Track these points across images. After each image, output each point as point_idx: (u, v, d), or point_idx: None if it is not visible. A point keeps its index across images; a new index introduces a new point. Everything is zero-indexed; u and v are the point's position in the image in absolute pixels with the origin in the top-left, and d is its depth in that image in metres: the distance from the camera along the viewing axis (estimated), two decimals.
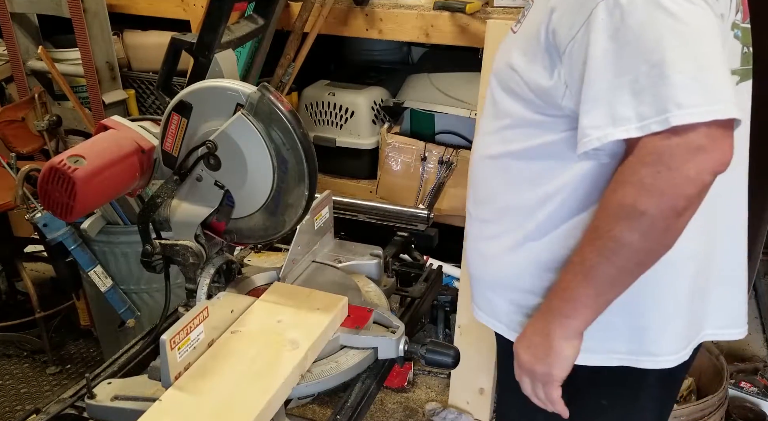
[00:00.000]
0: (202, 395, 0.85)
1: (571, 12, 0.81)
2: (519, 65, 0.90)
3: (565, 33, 0.82)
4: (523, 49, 0.90)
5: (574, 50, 0.81)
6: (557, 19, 0.83)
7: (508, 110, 0.94)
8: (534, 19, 0.88)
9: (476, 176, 1.05)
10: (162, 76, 1.03)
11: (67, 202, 0.90)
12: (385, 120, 2.35)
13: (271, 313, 1.01)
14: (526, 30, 0.90)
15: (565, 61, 0.83)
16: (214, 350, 0.93)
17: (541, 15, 0.86)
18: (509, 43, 0.96)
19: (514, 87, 0.92)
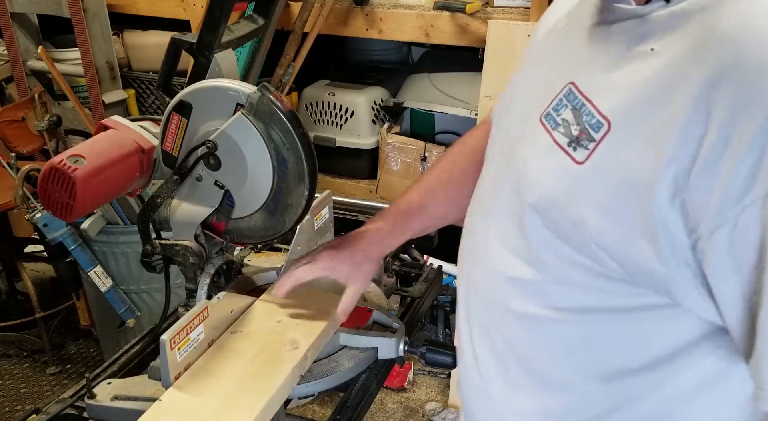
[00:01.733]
0: (202, 395, 0.85)
1: (724, 179, 0.49)
2: (602, 233, 0.58)
3: (711, 209, 0.51)
4: (599, 207, 0.58)
5: (734, 243, 0.50)
6: (692, 185, 0.51)
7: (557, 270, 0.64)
8: (624, 163, 0.56)
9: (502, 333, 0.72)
10: (162, 76, 1.03)
11: (67, 202, 0.90)
12: (385, 120, 2.35)
13: (271, 313, 1.01)
14: (607, 177, 0.57)
15: (704, 253, 0.52)
16: (214, 350, 0.93)
17: (638, 166, 0.54)
18: (562, 175, 0.61)
19: (584, 253, 0.60)
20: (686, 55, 0.53)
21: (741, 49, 0.49)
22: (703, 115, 0.50)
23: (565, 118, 0.62)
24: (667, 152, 0.52)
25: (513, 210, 0.67)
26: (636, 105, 0.55)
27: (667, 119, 0.52)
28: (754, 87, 0.48)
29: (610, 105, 0.58)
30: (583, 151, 0.59)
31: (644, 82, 0.55)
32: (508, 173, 0.70)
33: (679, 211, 0.52)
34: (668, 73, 0.53)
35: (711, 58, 0.50)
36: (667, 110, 0.52)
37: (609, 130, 0.57)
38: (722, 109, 0.49)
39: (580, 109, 0.61)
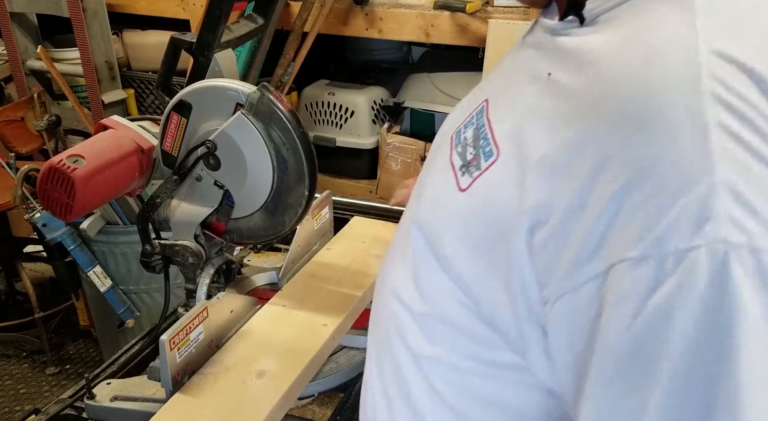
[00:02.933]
0: (213, 395, 0.85)
1: (572, 242, 0.44)
2: (457, 264, 0.54)
3: (558, 275, 0.45)
4: (466, 238, 0.53)
5: (572, 317, 0.45)
6: (545, 240, 0.46)
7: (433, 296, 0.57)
8: (496, 199, 0.51)
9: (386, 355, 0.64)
10: (161, 76, 1.03)
11: (67, 202, 0.89)
12: (385, 120, 2.35)
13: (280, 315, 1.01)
14: (479, 209, 0.52)
15: (548, 318, 0.47)
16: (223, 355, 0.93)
17: (508, 205, 0.49)
18: (445, 199, 0.57)
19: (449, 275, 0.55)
20: (571, 102, 0.47)
21: (609, 113, 0.44)
22: (566, 173, 0.45)
23: (467, 136, 0.58)
24: (531, 198, 0.47)
25: (410, 227, 0.62)
26: (520, 141, 0.50)
27: (535, 164, 0.47)
28: (616, 154, 0.42)
29: (503, 132, 0.53)
30: (468, 178, 0.54)
31: (530, 115, 0.50)
32: (416, 189, 0.66)
33: (532, 264, 0.47)
34: (549, 115, 0.48)
35: (587, 113, 0.45)
36: (538, 154, 0.47)
37: (496, 161, 0.52)
38: (585, 168, 0.43)
39: (480, 131, 0.56)
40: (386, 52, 2.69)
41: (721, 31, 0.43)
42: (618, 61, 0.45)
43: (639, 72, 0.43)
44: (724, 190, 0.38)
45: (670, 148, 0.40)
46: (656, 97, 0.42)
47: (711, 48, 0.42)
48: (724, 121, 0.40)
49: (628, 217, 0.41)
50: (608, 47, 0.47)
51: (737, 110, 0.40)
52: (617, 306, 0.41)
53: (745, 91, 0.40)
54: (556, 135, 0.46)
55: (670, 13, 0.45)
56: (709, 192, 0.38)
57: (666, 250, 0.39)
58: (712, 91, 0.40)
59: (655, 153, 0.41)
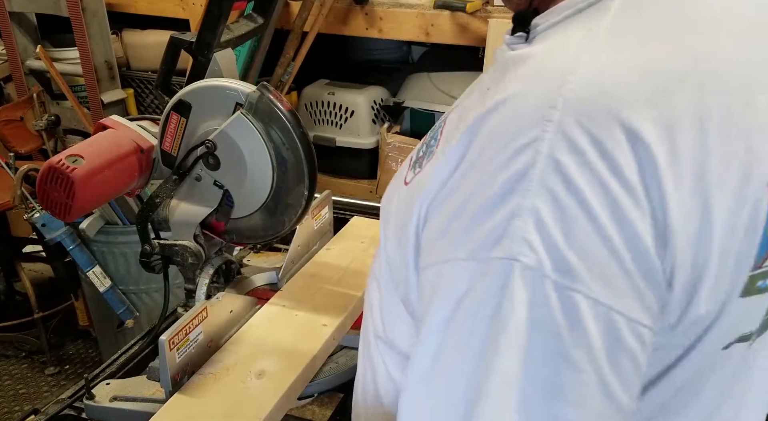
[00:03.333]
0: (213, 395, 0.85)
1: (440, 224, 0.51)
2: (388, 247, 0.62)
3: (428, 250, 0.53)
4: (397, 227, 0.60)
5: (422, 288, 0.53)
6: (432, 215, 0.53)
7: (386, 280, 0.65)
8: (422, 186, 0.56)
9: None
10: (161, 76, 1.02)
11: (66, 202, 0.89)
12: (385, 120, 2.35)
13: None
14: (408, 200, 0.58)
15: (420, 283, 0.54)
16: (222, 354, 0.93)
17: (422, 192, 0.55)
18: (393, 200, 0.64)
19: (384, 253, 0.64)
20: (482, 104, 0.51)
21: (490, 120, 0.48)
22: (453, 168, 0.51)
23: (428, 135, 0.63)
24: (432, 182, 0.53)
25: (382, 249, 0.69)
26: (447, 138, 0.56)
27: (444, 156, 0.53)
28: (481, 154, 0.48)
29: (445, 133, 0.58)
30: (412, 174, 0.60)
31: (460, 120, 0.55)
32: None
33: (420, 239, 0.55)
34: (465, 122, 0.52)
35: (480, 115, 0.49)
36: (449, 149, 0.53)
37: (432, 157, 0.58)
38: (464, 166, 0.50)
39: (435, 131, 0.61)
40: (386, 51, 2.69)
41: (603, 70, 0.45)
42: (510, 77, 0.49)
43: (514, 91, 0.47)
44: (528, 215, 0.43)
45: (504, 168, 0.45)
46: (513, 117, 0.46)
47: (579, 82, 0.44)
48: (556, 154, 0.43)
49: (464, 219, 0.47)
50: (522, 59, 0.51)
51: (577, 149, 0.42)
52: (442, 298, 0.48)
53: (599, 132, 0.42)
54: (459, 134, 0.52)
55: (576, 38, 0.48)
56: (515, 213, 0.43)
57: (478, 256, 0.45)
58: (560, 123, 0.43)
59: (494, 168, 0.45)
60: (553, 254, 0.42)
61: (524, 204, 0.43)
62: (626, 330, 0.43)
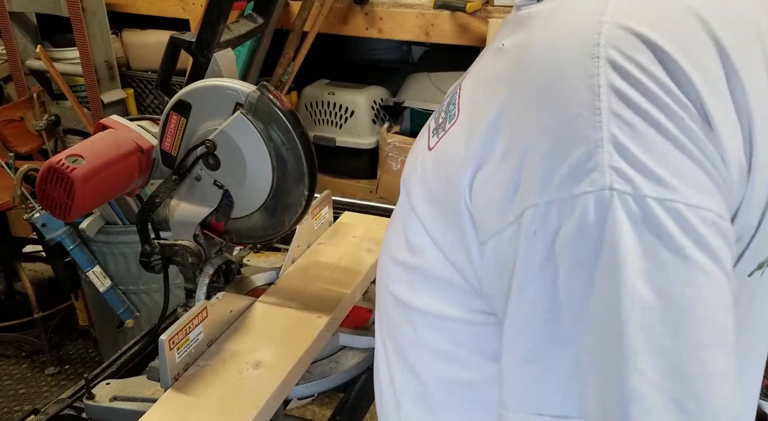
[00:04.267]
0: (211, 385, 0.85)
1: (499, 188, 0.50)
2: (423, 215, 0.60)
3: (488, 220, 0.51)
4: (427, 192, 0.60)
5: (499, 253, 0.51)
6: (481, 186, 0.52)
7: (418, 250, 0.62)
8: (449, 154, 0.57)
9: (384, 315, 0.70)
10: (161, 76, 1.02)
11: (66, 202, 0.89)
12: (385, 120, 2.35)
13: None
14: (436, 165, 0.59)
15: (484, 259, 0.53)
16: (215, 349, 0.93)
17: (456, 157, 0.55)
18: (416, 157, 0.64)
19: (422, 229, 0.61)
20: (507, 64, 0.53)
21: (534, 64, 0.49)
22: (499, 123, 0.51)
23: (445, 102, 0.64)
24: (472, 149, 0.53)
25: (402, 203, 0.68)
26: (472, 102, 0.58)
27: (481, 118, 0.53)
28: (533, 104, 0.48)
29: (464, 97, 0.60)
30: (435, 139, 0.61)
31: (484, 81, 0.57)
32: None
33: (473, 209, 0.54)
34: (496, 78, 0.54)
35: (513, 72, 0.51)
36: (483, 112, 0.53)
37: (455, 122, 0.59)
38: (512, 115, 0.50)
39: (452, 97, 0.62)
40: (386, 51, 2.69)
41: (630, 10, 0.47)
42: (541, 28, 0.51)
43: (550, 41, 0.49)
44: (609, 144, 0.44)
45: (565, 109, 0.46)
46: (558, 63, 0.47)
47: (615, 21, 0.46)
48: (615, 83, 0.44)
49: (534, 167, 0.47)
50: (543, 12, 0.52)
51: (629, 74, 0.44)
52: (528, 244, 0.47)
53: (640, 58, 0.45)
54: (491, 96, 0.53)
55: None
56: (595, 146, 0.44)
57: (562, 195, 0.45)
58: (608, 57, 0.45)
59: (553, 113, 0.47)
60: (644, 172, 0.43)
61: (602, 135, 0.44)
62: (727, 230, 0.45)
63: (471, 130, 0.54)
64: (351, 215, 1.31)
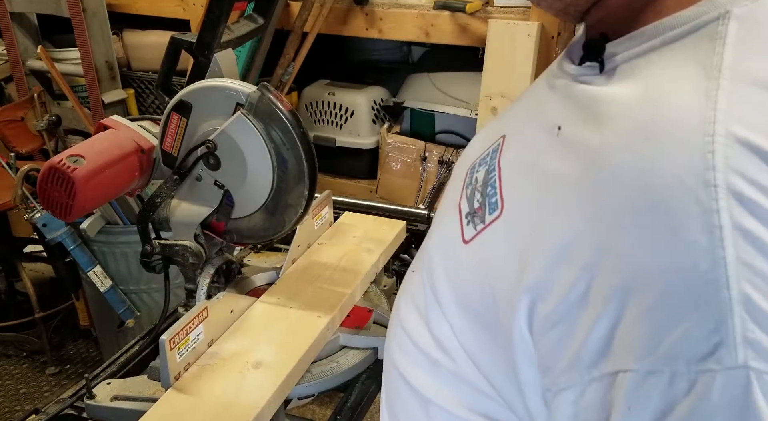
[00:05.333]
0: (211, 385, 0.85)
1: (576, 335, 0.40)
2: (456, 322, 0.51)
3: (561, 364, 0.42)
4: (462, 299, 0.51)
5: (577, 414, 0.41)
6: (545, 324, 0.42)
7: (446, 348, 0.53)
8: (492, 264, 0.48)
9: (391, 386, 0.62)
10: (161, 76, 1.03)
11: (67, 202, 0.89)
12: (385, 120, 2.35)
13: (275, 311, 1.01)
14: (476, 271, 0.50)
15: (550, 406, 0.43)
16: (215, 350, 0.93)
17: (505, 274, 0.46)
18: (447, 248, 0.55)
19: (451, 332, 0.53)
20: (577, 173, 0.42)
21: (617, 197, 0.39)
22: (568, 251, 0.40)
23: (477, 177, 0.54)
24: (530, 275, 0.42)
25: (422, 263, 0.59)
26: (524, 204, 0.47)
27: (540, 238, 0.43)
28: (617, 239, 0.38)
29: (510, 186, 0.49)
30: (472, 229, 0.51)
31: (539, 180, 0.46)
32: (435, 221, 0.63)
33: (534, 348, 0.43)
34: (558, 181, 0.44)
35: (590, 191, 0.41)
36: (543, 228, 0.43)
37: (499, 217, 0.48)
38: (586, 252, 0.39)
39: (490, 175, 0.52)
40: (386, 52, 2.70)
41: (742, 112, 0.36)
42: (621, 135, 0.40)
43: (641, 156, 0.38)
44: (740, 308, 0.34)
45: (675, 252, 0.35)
46: (660, 187, 0.37)
47: (729, 131, 0.36)
48: (740, 221, 0.34)
49: (634, 322, 0.37)
50: (619, 106, 0.42)
51: (759, 208, 0.34)
52: (628, 416, 0.37)
53: (759, 200, 0.34)
54: (552, 210, 0.43)
55: (691, 79, 0.39)
56: (722, 311, 0.34)
57: (675, 368, 0.35)
58: (728, 185, 0.35)
59: (659, 254, 0.36)
60: None
61: (730, 296, 0.34)
62: None
63: (525, 245, 0.44)
64: (351, 215, 1.31)
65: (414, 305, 0.58)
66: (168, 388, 0.86)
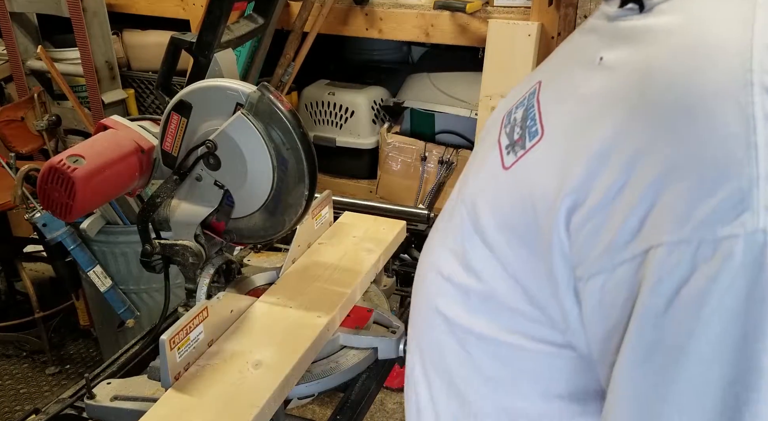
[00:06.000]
0: (211, 385, 0.86)
1: (610, 225, 0.45)
2: (495, 242, 0.56)
3: (593, 253, 0.47)
4: (502, 218, 0.55)
5: (604, 296, 0.47)
6: (582, 220, 0.47)
7: (481, 274, 0.58)
8: (534, 179, 0.52)
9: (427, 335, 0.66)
10: (161, 76, 1.03)
11: (67, 202, 0.89)
12: (385, 120, 2.35)
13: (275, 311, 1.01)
14: (517, 189, 0.54)
15: (581, 295, 0.49)
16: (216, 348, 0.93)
17: (546, 185, 0.50)
18: (487, 176, 0.60)
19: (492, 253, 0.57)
20: (619, 84, 0.48)
21: (666, 93, 0.44)
22: (613, 150, 0.46)
23: (516, 117, 0.59)
24: (571, 181, 0.47)
25: (458, 210, 0.63)
26: (566, 126, 0.52)
27: (583, 148, 0.48)
28: (665, 136, 0.43)
29: (549, 113, 0.55)
30: (513, 157, 0.56)
31: (580, 103, 0.51)
32: (465, 171, 0.68)
33: (569, 244, 0.48)
34: (600, 99, 0.49)
35: (632, 96, 0.46)
36: (587, 139, 0.48)
37: (539, 141, 0.53)
38: (630, 147, 0.45)
39: (528, 112, 0.57)
40: (386, 52, 2.70)
41: None
42: (669, 48, 0.45)
43: (684, 65, 0.43)
44: (765, 182, 0.39)
45: (713, 141, 0.41)
46: (699, 92, 0.42)
47: (765, 42, 0.41)
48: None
49: (668, 204, 0.42)
50: (662, 29, 0.47)
51: None
52: (653, 290, 0.42)
53: None
54: (597, 120, 0.48)
55: (731, 8, 0.45)
56: (749, 184, 0.39)
57: (702, 236, 0.40)
58: (763, 83, 0.40)
59: (698, 145, 0.41)
60: None
61: (757, 173, 0.39)
62: None
63: (567, 156, 0.49)
64: (351, 215, 1.32)
65: (447, 250, 0.63)
66: (168, 388, 0.86)
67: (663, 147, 0.43)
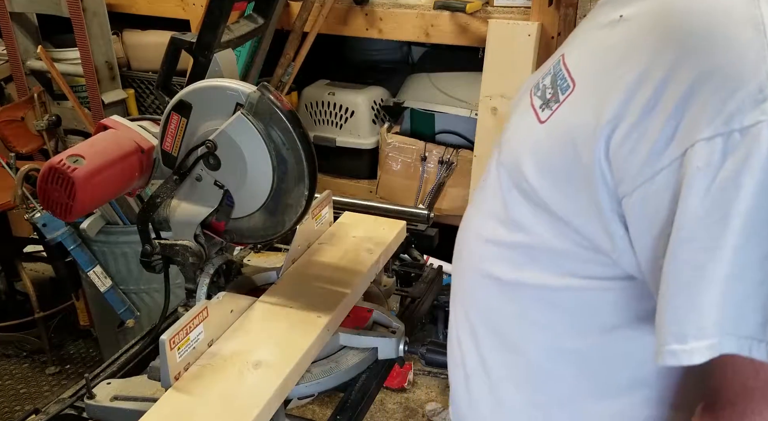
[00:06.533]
0: (211, 385, 0.86)
1: (647, 138, 0.51)
2: (539, 187, 0.61)
3: (635, 167, 0.52)
4: (544, 164, 0.61)
5: (647, 204, 0.52)
6: (621, 141, 0.53)
7: (525, 226, 0.63)
8: (572, 122, 0.58)
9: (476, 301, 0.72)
10: (161, 76, 1.03)
11: (67, 202, 0.89)
12: (385, 120, 2.35)
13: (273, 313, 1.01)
14: (556, 134, 0.60)
15: (627, 210, 0.54)
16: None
17: (584, 122, 0.56)
18: (525, 133, 0.65)
19: (535, 202, 0.62)
20: (642, 26, 0.55)
21: (686, 20, 0.52)
22: (645, 76, 0.53)
23: (545, 83, 0.65)
24: (609, 111, 0.54)
25: (494, 175, 0.70)
26: (597, 70, 0.59)
27: (616, 82, 0.55)
28: (691, 53, 0.51)
29: (578, 68, 0.61)
30: (548, 111, 0.62)
31: (607, 50, 0.58)
32: (498, 142, 0.73)
33: (609, 167, 0.55)
34: (626, 43, 0.56)
35: (656, 29, 0.54)
36: (618, 74, 0.55)
37: (572, 92, 0.60)
38: (660, 70, 0.52)
39: (557, 75, 0.64)
40: (386, 52, 2.70)
41: None
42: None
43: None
44: None
45: (732, 48, 0.49)
46: (713, 13, 0.50)
47: None
48: None
49: (698, 108, 0.49)
50: None
51: None
52: (693, 180, 0.49)
53: None
54: (626, 59, 0.55)
55: None
56: (767, 78, 0.48)
57: (732, 127, 0.48)
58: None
59: (719, 55, 0.49)
60: None
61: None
62: None
63: (602, 93, 0.55)
64: (351, 215, 1.32)
65: (484, 215, 0.69)
66: (168, 388, 0.86)
67: (689, 63, 0.50)
